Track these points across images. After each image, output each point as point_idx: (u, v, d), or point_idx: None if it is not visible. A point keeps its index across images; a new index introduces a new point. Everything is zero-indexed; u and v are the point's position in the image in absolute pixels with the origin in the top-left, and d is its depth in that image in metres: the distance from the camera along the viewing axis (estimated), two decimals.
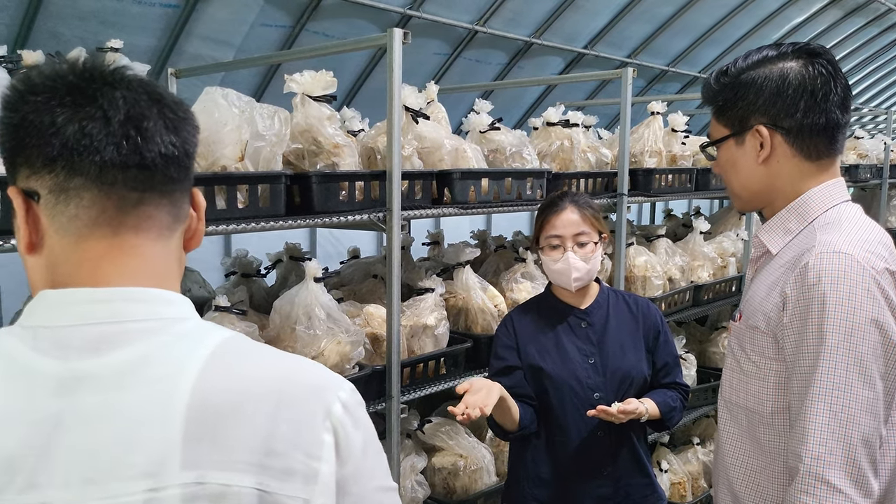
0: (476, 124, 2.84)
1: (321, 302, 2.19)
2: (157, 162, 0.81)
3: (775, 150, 1.44)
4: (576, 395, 2.20)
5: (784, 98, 1.41)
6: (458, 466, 2.77)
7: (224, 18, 4.43)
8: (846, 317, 1.27)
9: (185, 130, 0.85)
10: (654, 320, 2.34)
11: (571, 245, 2.21)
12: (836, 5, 7.55)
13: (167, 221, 0.85)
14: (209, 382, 0.77)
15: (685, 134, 3.66)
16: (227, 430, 0.76)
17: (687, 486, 3.82)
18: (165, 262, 0.86)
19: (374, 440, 0.87)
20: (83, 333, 0.77)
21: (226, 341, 0.83)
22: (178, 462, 0.74)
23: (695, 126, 6.91)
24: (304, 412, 0.80)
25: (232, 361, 0.81)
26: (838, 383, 1.27)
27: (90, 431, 0.74)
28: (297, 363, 0.87)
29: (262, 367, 0.83)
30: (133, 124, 0.79)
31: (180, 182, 0.85)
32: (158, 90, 0.84)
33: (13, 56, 1.94)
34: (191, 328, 0.82)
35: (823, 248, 1.33)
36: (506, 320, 2.37)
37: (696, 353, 4.20)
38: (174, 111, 0.84)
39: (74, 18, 3.91)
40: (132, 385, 0.76)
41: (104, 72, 0.81)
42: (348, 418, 0.83)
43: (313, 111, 2.21)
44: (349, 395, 0.85)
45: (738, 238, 4.05)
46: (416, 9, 5.05)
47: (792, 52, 1.44)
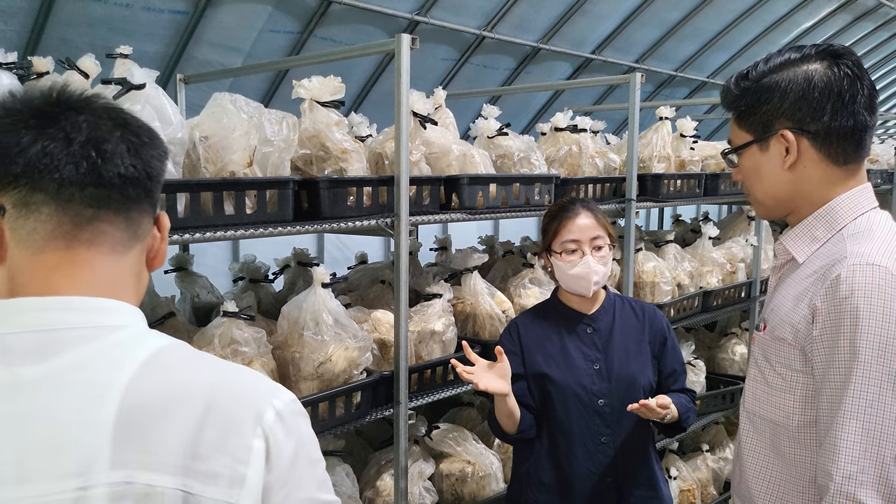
0: (484, 130, 2.84)
1: (329, 307, 2.19)
2: (114, 181, 0.86)
3: (802, 156, 1.39)
4: (580, 401, 2.19)
5: (810, 101, 1.36)
6: (465, 473, 2.75)
7: (232, 24, 4.45)
8: (880, 331, 1.23)
9: (148, 154, 0.90)
10: (660, 327, 2.33)
11: (589, 249, 2.21)
12: (845, 10, 7.52)
13: (122, 238, 0.89)
14: (140, 387, 0.80)
15: (693, 139, 3.64)
16: (155, 433, 0.79)
17: (696, 493, 3.80)
18: (117, 276, 0.90)
19: (310, 451, 0.88)
20: (24, 340, 0.82)
21: (162, 349, 0.86)
22: (107, 462, 0.77)
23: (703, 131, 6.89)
24: (233, 417, 0.82)
25: (165, 368, 0.84)
26: (871, 400, 1.23)
27: (26, 433, 0.78)
28: (235, 372, 0.89)
29: (196, 373, 0.85)
30: (93, 146, 0.85)
31: (138, 202, 0.90)
32: (124, 115, 0.90)
33: (23, 62, 1.94)
34: (127, 336, 0.85)
35: (856, 260, 1.28)
36: (510, 326, 2.35)
37: (706, 359, 4.18)
38: (138, 136, 0.89)
39: (84, 25, 3.92)
40: (65, 389, 0.80)
41: (71, 98, 0.87)
42: (280, 426, 0.84)
43: (321, 117, 2.21)
44: (285, 405, 0.86)
45: (747, 243, 4.03)
46: (424, 14, 5.06)
47: (815, 54, 1.39)
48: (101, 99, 0.90)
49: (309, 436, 0.89)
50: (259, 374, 0.91)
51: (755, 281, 4.03)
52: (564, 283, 2.26)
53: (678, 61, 7.31)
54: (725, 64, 7.74)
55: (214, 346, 2.00)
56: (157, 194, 0.94)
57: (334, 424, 2.17)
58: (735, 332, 4.40)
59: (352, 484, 2.41)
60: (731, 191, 3.78)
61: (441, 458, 2.80)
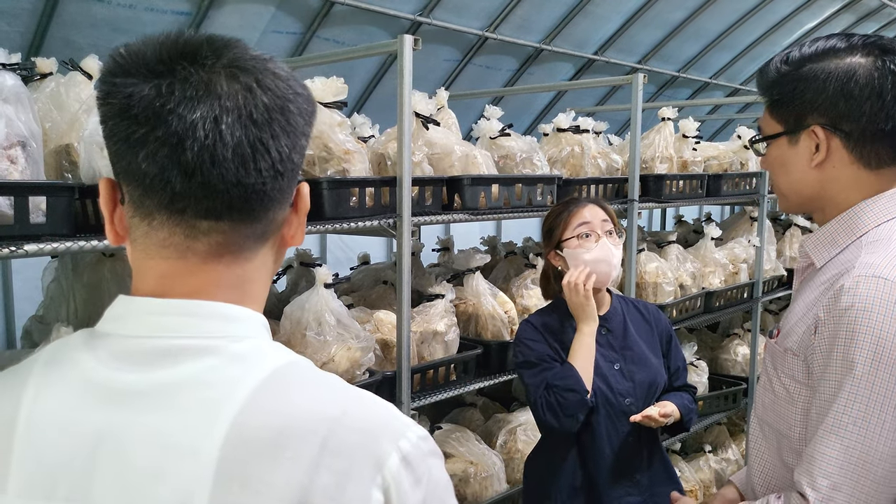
0: (486, 130, 2.84)
1: (331, 308, 2.19)
2: (233, 193, 0.74)
3: (832, 155, 1.30)
4: (608, 402, 2.15)
5: (848, 99, 1.26)
6: (468, 473, 2.76)
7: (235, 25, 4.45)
8: (876, 347, 1.16)
9: (287, 144, 0.77)
10: (665, 326, 2.35)
11: (602, 233, 2.19)
12: (849, 10, 7.50)
13: (247, 243, 0.79)
14: (254, 413, 0.71)
15: (696, 140, 3.64)
16: (262, 473, 0.69)
17: (699, 493, 3.80)
18: (242, 279, 0.80)
19: (444, 499, 0.77)
20: (136, 346, 0.75)
21: (280, 368, 0.75)
22: (206, 498, 0.68)
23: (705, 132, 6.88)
24: (352, 461, 0.70)
25: (281, 393, 0.73)
26: (855, 418, 1.17)
27: (126, 454, 0.71)
28: (358, 401, 0.77)
29: (316, 401, 0.74)
30: (209, 154, 0.72)
31: (268, 202, 0.78)
32: (259, 95, 0.75)
33: (27, 63, 1.95)
34: (247, 350, 0.75)
35: (862, 271, 1.22)
36: (526, 324, 2.29)
37: (708, 359, 4.18)
38: (276, 122, 0.76)
39: (87, 26, 3.93)
40: (173, 409, 0.72)
41: (191, 70, 0.74)
42: (407, 474, 0.72)
43: (324, 117, 2.22)
44: (413, 446, 0.74)
45: (749, 244, 4.02)
46: (427, 15, 5.06)
47: (862, 46, 1.28)
48: (233, 63, 0.74)
49: (443, 481, 0.77)
50: (387, 404, 0.78)
51: (757, 282, 4.02)
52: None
53: (681, 62, 7.30)
54: (728, 65, 7.72)
55: None
56: (296, 179, 0.81)
57: None
58: (737, 332, 4.40)
59: None
60: (733, 191, 3.78)
61: (444, 458, 2.80)
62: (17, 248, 1.54)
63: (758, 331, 4.13)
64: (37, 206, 1.61)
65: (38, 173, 1.68)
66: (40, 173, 1.69)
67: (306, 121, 0.80)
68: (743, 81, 8.19)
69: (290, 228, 0.83)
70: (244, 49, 0.77)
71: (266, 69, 0.76)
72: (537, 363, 2.18)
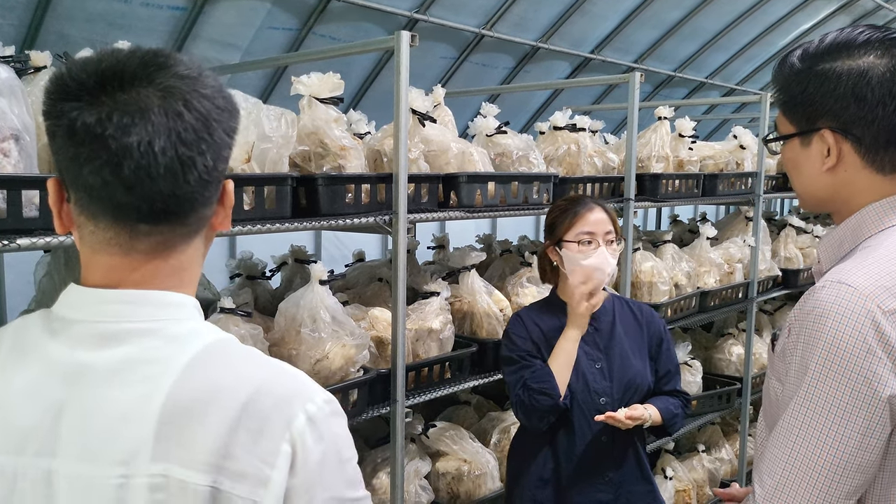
0: (483, 128, 2.84)
1: (326, 305, 2.18)
2: (169, 203, 0.87)
3: (843, 160, 1.24)
4: (583, 400, 2.19)
5: (860, 102, 1.19)
6: (462, 471, 2.75)
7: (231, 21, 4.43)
8: (827, 354, 1.13)
9: (212, 155, 0.88)
10: (657, 328, 2.35)
11: (603, 242, 2.22)
12: (845, 11, 7.52)
13: (184, 238, 0.92)
14: (185, 385, 0.85)
15: (692, 139, 3.64)
16: (192, 431, 0.83)
17: (692, 493, 3.80)
18: (179, 268, 0.93)
19: (342, 451, 0.90)
20: (90, 330, 0.88)
21: (211, 345, 0.90)
22: (148, 455, 0.83)
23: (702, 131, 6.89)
24: (266, 421, 0.85)
25: (212, 365, 0.88)
26: (802, 422, 1.15)
27: (84, 420, 0.86)
28: (276, 372, 0.91)
29: (239, 372, 0.88)
30: (146, 172, 0.84)
31: (199, 205, 0.91)
32: (186, 111, 0.85)
33: (21, 56, 1.93)
34: (183, 331, 0.90)
35: (831, 276, 1.18)
36: (516, 318, 2.36)
37: (702, 359, 4.18)
38: (201, 135, 0.87)
39: (82, 20, 3.91)
40: (120, 383, 0.86)
41: (122, 95, 0.85)
42: (311, 431, 0.86)
43: (320, 113, 2.21)
44: (318, 408, 0.88)
45: (744, 244, 4.03)
46: (424, 12, 5.05)
47: (880, 43, 1.20)
48: (164, 87, 0.85)
49: (342, 436, 0.91)
50: (299, 374, 0.92)
51: (752, 282, 4.03)
52: (576, 276, 2.23)
53: (677, 61, 7.31)
54: (724, 64, 7.73)
55: None
56: (222, 180, 0.94)
57: None
58: (732, 332, 4.40)
59: None
60: (728, 191, 3.78)
61: (437, 456, 2.80)
62: (10, 242, 1.53)
63: (752, 331, 4.13)
64: (30, 200, 1.60)
65: (32, 167, 1.67)
66: (33, 167, 1.67)
67: (229, 134, 0.92)
68: (739, 81, 8.20)
69: (218, 218, 0.96)
70: (176, 69, 0.87)
71: (194, 90, 0.86)
72: (518, 360, 2.25)
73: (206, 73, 0.90)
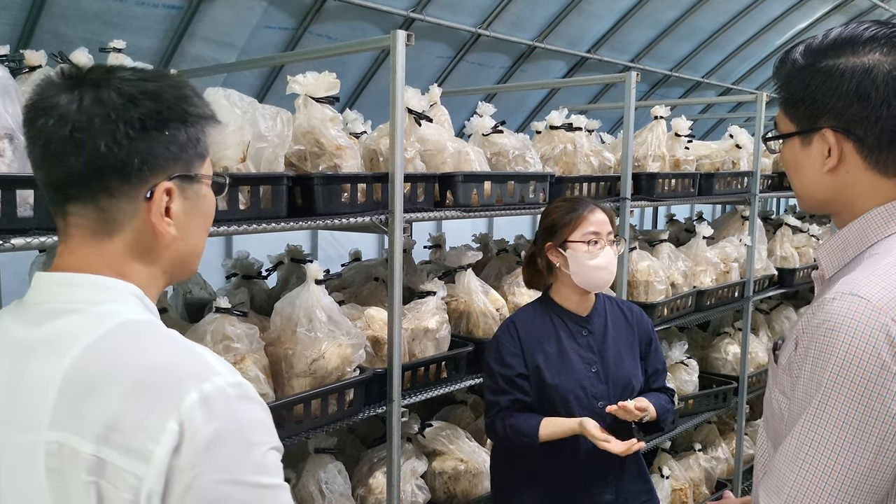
0: (479, 127, 2.83)
1: (322, 304, 2.18)
2: (69, 180, 0.95)
3: (845, 160, 1.20)
4: (581, 405, 2.19)
5: (864, 102, 1.15)
6: (458, 471, 2.75)
7: (227, 20, 4.42)
8: (840, 370, 1.08)
9: (120, 141, 0.94)
10: (646, 328, 2.38)
11: (608, 242, 2.23)
12: (840, 11, 7.52)
13: (96, 227, 0.97)
14: (85, 360, 0.90)
15: (688, 138, 3.65)
16: (87, 405, 0.87)
17: (688, 492, 3.80)
18: (112, 259, 0.98)
19: (246, 435, 0.90)
20: (35, 311, 0.97)
21: (125, 323, 0.93)
22: (48, 423, 0.88)
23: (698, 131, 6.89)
24: (157, 399, 0.87)
25: (117, 343, 0.91)
26: (813, 440, 1.10)
27: (10, 390, 0.94)
28: (180, 352, 0.93)
29: (142, 350, 0.92)
30: (44, 146, 0.94)
31: (105, 191, 0.96)
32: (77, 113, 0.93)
33: (16, 56, 1.93)
34: (106, 311, 0.94)
35: (843, 288, 1.13)
36: (508, 325, 2.33)
37: (698, 358, 4.19)
38: (113, 122, 0.93)
39: (77, 19, 3.89)
40: (39, 356, 0.93)
41: (59, 83, 0.96)
42: (202, 410, 0.86)
43: (316, 113, 2.21)
44: (217, 388, 0.89)
45: (741, 243, 4.03)
46: (420, 12, 5.04)
47: (886, 39, 1.16)
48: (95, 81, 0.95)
49: (249, 420, 0.91)
50: (211, 356, 0.94)
51: (748, 281, 4.03)
52: (581, 276, 2.22)
53: (673, 61, 7.31)
54: (720, 64, 7.74)
55: (207, 343, 1.99)
56: (146, 177, 0.97)
57: (327, 422, 2.17)
58: (728, 331, 4.41)
59: (344, 481, 2.41)
60: (724, 190, 3.79)
61: (434, 455, 2.80)
62: (5, 241, 1.53)
63: (748, 330, 4.14)
64: (24, 200, 1.59)
65: (26, 166, 1.66)
66: (28, 166, 1.66)
67: (134, 126, 0.94)
68: (735, 81, 8.21)
69: (152, 218, 0.99)
70: (111, 68, 0.99)
71: (106, 79, 0.96)
72: (500, 384, 2.24)
73: (137, 70, 0.99)
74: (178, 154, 0.99)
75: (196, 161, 1.03)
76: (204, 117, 1.03)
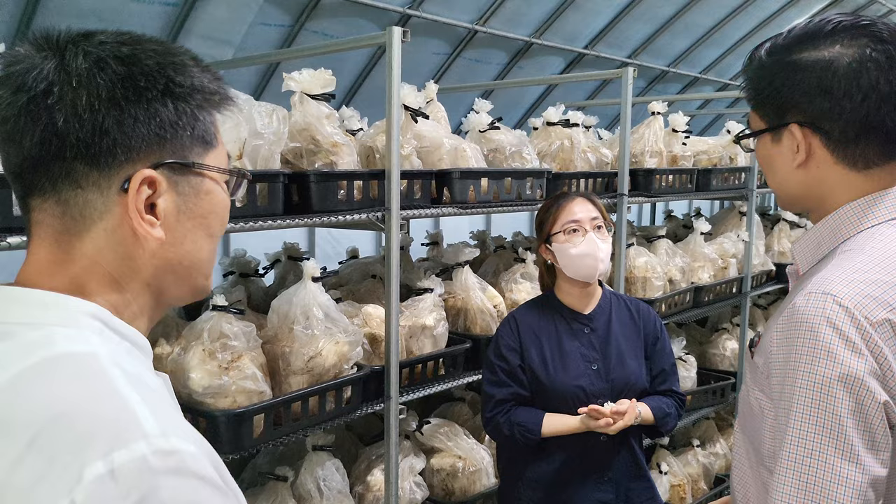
0: (476, 124, 2.83)
1: (319, 302, 2.17)
2: (24, 165, 0.76)
3: (813, 155, 1.20)
4: (580, 402, 2.17)
5: (826, 95, 1.15)
6: (456, 468, 2.75)
7: (223, 17, 4.41)
8: (818, 372, 1.06)
9: (53, 124, 0.75)
10: (653, 327, 2.34)
11: (590, 228, 2.20)
12: (837, 6, 7.53)
13: (59, 224, 0.78)
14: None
15: (686, 134, 3.65)
16: None
17: (687, 488, 3.81)
18: (68, 267, 0.78)
19: None
20: None
21: (51, 359, 0.71)
22: None
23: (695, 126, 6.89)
24: (52, 464, 0.64)
25: (31, 384, 0.69)
26: (809, 451, 1.07)
27: None
28: (100, 400, 0.68)
29: (50, 395, 0.68)
30: (6, 125, 0.76)
31: (66, 179, 0.76)
32: (30, 83, 0.75)
33: None
34: (38, 338, 0.73)
35: (814, 287, 1.12)
36: (509, 319, 2.33)
37: (697, 354, 4.19)
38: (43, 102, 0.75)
39: (73, 16, 3.89)
40: None
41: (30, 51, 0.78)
42: (112, 487, 0.63)
43: (312, 110, 2.20)
44: (135, 458, 0.64)
45: (738, 239, 4.03)
46: (416, 8, 5.04)
47: (846, 31, 1.16)
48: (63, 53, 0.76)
49: (175, 499, 0.65)
50: (144, 409, 0.68)
51: (746, 276, 4.03)
52: (570, 268, 2.22)
53: (671, 57, 7.31)
54: (718, 60, 7.74)
55: (203, 341, 1.98)
56: (119, 162, 0.77)
57: (324, 419, 2.16)
58: (726, 327, 4.41)
59: (342, 479, 2.41)
60: (722, 186, 3.79)
61: (432, 453, 2.79)
62: (0, 240, 1.52)
63: (746, 326, 4.14)
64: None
65: None
66: None
67: (101, 97, 0.75)
68: (732, 76, 8.21)
69: (129, 215, 0.78)
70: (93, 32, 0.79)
71: (78, 41, 0.77)
72: (499, 378, 2.25)
73: (121, 33, 0.79)
74: (161, 135, 0.78)
75: (193, 146, 0.82)
76: (203, 91, 0.82)
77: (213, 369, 1.94)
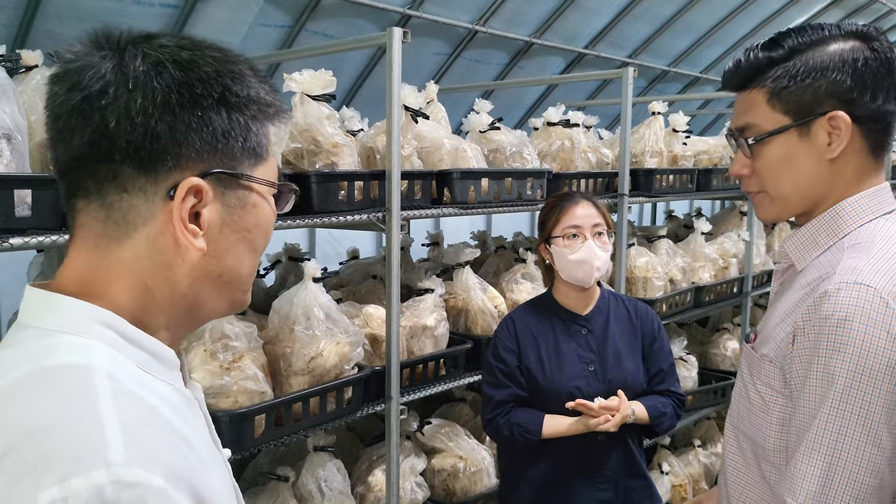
0: (476, 124, 2.83)
1: (320, 302, 2.18)
2: (70, 165, 0.76)
3: (852, 143, 1.22)
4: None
5: (863, 81, 1.19)
6: (457, 468, 2.75)
7: (223, 18, 4.42)
8: (858, 360, 1.09)
9: (101, 127, 0.74)
10: (650, 327, 2.33)
11: (590, 235, 2.20)
12: (838, 6, 7.52)
13: (101, 229, 0.76)
14: None
15: (686, 134, 3.65)
16: None
17: (688, 488, 3.81)
18: (97, 274, 0.76)
19: None
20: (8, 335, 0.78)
21: (45, 370, 0.69)
22: None
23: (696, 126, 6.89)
24: (13, 485, 0.61)
25: (19, 396, 0.67)
26: (838, 433, 1.11)
27: None
28: (71, 418, 0.65)
29: (25, 413, 0.66)
30: (54, 121, 0.75)
31: (111, 182, 0.75)
32: (85, 81, 0.74)
33: (12, 55, 1.92)
34: (41, 347, 0.71)
35: (845, 277, 1.14)
36: (507, 321, 2.34)
37: (698, 354, 4.19)
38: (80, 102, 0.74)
39: (73, 18, 3.89)
40: None
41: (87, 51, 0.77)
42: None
43: (312, 110, 2.20)
44: (89, 487, 0.60)
45: (739, 239, 4.03)
46: (416, 9, 5.04)
47: (847, 34, 1.22)
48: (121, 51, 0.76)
49: None
50: (114, 430, 0.64)
51: (747, 276, 4.03)
52: (566, 272, 2.23)
53: (671, 56, 7.31)
54: (718, 59, 7.74)
55: (205, 341, 1.99)
56: (168, 169, 0.75)
57: (325, 420, 2.17)
58: (727, 327, 4.41)
59: (343, 479, 2.41)
60: (723, 186, 3.79)
61: (433, 453, 2.80)
62: (3, 241, 1.52)
63: (747, 325, 4.14)
64: (22, 200, 1.59)
65: (24, 166, 1.66)
66: (25, 166, 1.67)
67: (153, 101, 0.74)
68: None
69: (173, 223, 0.77)
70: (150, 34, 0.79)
71: (139, 44, 0.77)
72: (497, 379, 2.25)
73: (182, 37, 0.79)
74: (212, 144, 0.77)
75: (244, 158, 0.80)
76: (259, 103, 0.81)
77: (215, 369, 1.95)
